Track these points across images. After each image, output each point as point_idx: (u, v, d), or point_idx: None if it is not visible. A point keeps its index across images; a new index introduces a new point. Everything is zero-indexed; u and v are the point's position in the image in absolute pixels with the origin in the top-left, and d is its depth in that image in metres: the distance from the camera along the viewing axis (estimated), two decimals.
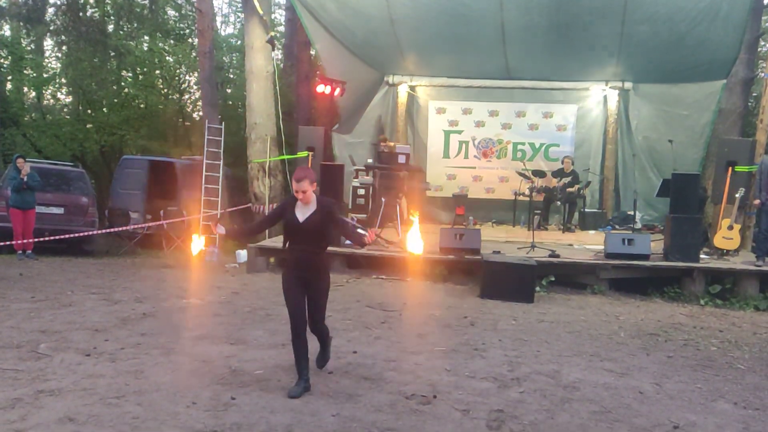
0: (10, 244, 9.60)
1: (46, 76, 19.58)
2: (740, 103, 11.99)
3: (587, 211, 12.56)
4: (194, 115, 19.75)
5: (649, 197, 12.16)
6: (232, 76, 20.10)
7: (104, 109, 18.93)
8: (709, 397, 4.54)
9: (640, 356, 5.51)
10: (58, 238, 9.80)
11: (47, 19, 17.31)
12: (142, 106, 18.55)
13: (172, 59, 18.69)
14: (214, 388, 4.29)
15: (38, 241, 9.96)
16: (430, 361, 5.10)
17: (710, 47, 10.61)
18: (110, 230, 11.30)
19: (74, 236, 9.69)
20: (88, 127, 18.34)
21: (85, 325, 5.85)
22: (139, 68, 19.01)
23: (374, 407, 4.05)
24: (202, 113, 15.07)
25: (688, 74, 11.57)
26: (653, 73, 12.08)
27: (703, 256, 8.75)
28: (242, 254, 10.09)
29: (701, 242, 8.95)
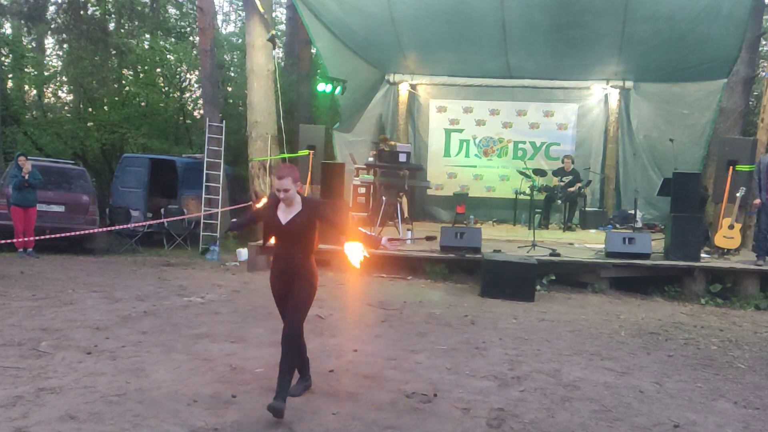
0: (11, 242, 9.60)
1: (47, 74, 19.55)
2: (741, 102, 11.98)
3: (588, 210, 12.57)
4: (195, 113, 19.75)
5: (649, 196, 12.16)
6: (233, 74, 20.07)
7: (105, 107, 18.91)
8: (709, 396, 4.54)
9: (640, 355, 5.51)
10: (59, 236, 9.81)
11: (48, 17, 17.26)
12: (143, 104, 18.53)
13: (173, 57, 18.66)
14: (214, 386, 4.29)
15: (39, 239, 9.95)
16: (430, 359, 5.10)
17: (711, 46, 10.61)
18: (111, 228, 11.31)
19: (75, 234, 9.70)
20: (89, 125, 18.33)
21: (86, 323, 5.86)
22: (140, 66, 18.99)
23: (375, 405, 4.05)
24: (203, 112, 15.07)
25: (689, 73, 11.57)
26: (654, 71, 12.08)
27: (703, 255, 8.75)
28: (243, 252, 10.10)
29: (702, 241, 8.95)
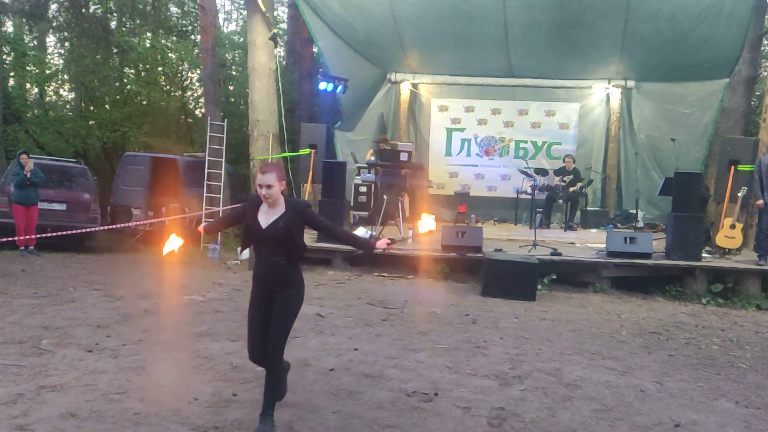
0: (12, 240, 9.61)
1: (48, 72, 19.58)
2: (743, 101, 11.98)
3: (589, 209, 12.55)
4: (196, 112, 19.74)
5: (651, 196, 12.14)
6: (234, 73, 20.07)
7: (107, 105, 18.92)
8: (710, 395, 4.54)
9: (641, 355, 5.51)
10: (60, 234, 9.81)
11: (50, 15, 17.27)
12: (144, 102, 18.55)
13: (174, 56, 18.67)
14: (215, 384, 4.30)
15: (41, 237, 9.97)
16: (431, 358, 5.10)
17: (713, 46, 10.59)
18: (112, 227, 11.31)
19: (76, 233, 9.71)
20: (90, 123, 18.35)
21: (87, 321, 5.87)
22: (141, 65, 19.00)
23: (375, 404, 4.06)
24: (204, 110, 15.07)
25: (690, 73, 11.54)
26: (656, 71, 12.05)
27: (705, 254, 8.74)
28: (244, 251, 10.09)
29: (703, 241, 8.94)
